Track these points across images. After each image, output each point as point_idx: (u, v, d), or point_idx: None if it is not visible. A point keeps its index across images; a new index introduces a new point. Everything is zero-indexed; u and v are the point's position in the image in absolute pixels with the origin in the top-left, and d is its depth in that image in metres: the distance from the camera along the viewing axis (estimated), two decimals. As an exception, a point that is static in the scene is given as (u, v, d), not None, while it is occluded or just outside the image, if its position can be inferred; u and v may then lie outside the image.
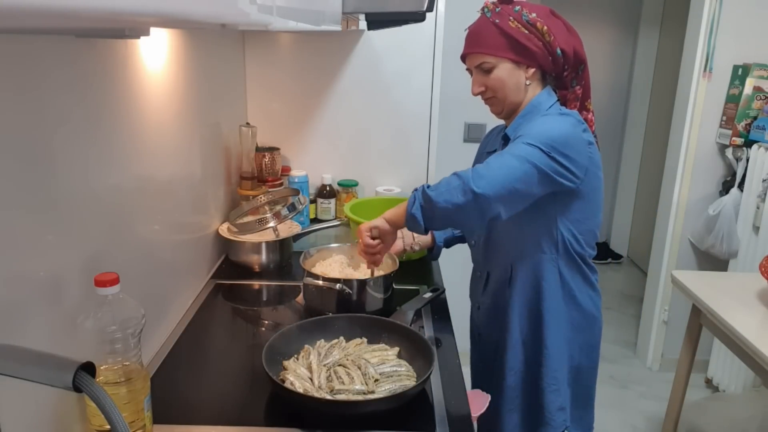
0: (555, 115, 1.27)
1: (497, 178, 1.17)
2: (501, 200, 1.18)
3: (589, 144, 1.26)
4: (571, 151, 1.21)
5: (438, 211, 1.19)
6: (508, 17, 1.26)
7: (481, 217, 1.20)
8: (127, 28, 0.71)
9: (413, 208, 1.22)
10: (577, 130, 1.25)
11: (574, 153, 1.22)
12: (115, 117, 1.05)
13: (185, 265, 1.48)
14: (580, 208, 1.30)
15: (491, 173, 1.17)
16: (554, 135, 1.20)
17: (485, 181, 1.16)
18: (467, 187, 1.16)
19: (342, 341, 1.23)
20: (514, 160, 1.18)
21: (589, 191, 1.29)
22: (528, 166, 1.18)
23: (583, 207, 1.30)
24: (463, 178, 1.17)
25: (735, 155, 2.66)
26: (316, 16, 0.88)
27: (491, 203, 1.17)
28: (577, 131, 1.24)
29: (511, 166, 1.18)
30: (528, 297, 1.37)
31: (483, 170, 1.18)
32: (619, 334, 3.39)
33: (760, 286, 1.90)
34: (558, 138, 1.20)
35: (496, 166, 1.19)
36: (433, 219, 1.22)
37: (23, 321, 0.79)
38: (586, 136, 1.26)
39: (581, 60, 1.31)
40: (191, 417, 1.05)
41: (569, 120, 1.26)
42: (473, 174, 1.17)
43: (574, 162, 1.21)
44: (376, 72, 2.05)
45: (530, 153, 1.18)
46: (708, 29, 2.62)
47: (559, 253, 1.33)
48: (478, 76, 1.33)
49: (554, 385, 1.37)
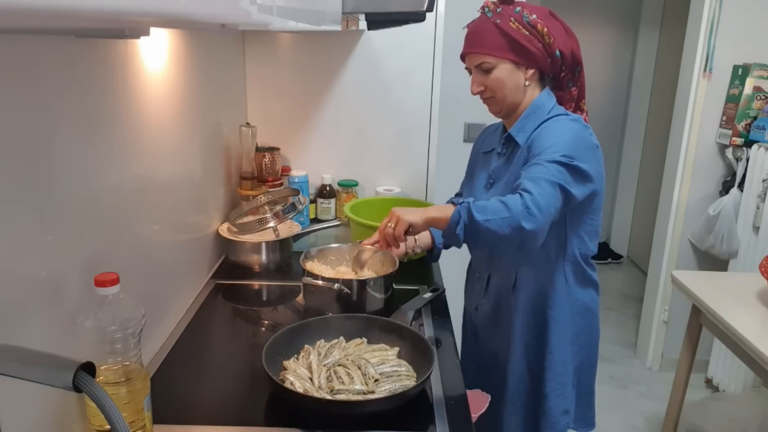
0: (566, 121, 1.28)
1: (546, 215, 1.15)
2: (545, 233, 1.18)
3: (596, 148, 1.27)
4: (584, 157, 1.22)
5: (481, 235, 1.18)
6: (509, 18, 1.26)
7: (521, 248, 1.21)
8: (127, 28, 0.71)
9: (458, 229, 1.20)
10: (586, 134, 1.27)
11: (587, 159, 1.23)
12: (115, 117, 1.05)
13: (185, 265, 1.48)
14: (589, 210, 1.32)
15: (540, 210, 1.14)
16: (571, 143, 1.22)
17: (534, 219, 1.14)
18: (516, 223, 1.14)
19: (342, 341, 1.23)
20: (552, 189, 1.17)
21: (598, 193, 1.31)
22: (559, 193, 1.18)
23: (591, 209, 1.32)
24: (513, 211, 1.14)
25: (735, 155, 2.66)
26: (316, 16, 0.88)
27: (537, 237, 1.16)
28: (586, 135, 1.26)
29: (552, 198, 1.17)
30: (533, 304, 1.37)
31: (532, 206, 1.14)
32: (619, 334, 3.39)
33: (760, 286, 1.90)
34: (574, 146, 1.22)
35: (541, 197, 1.15)
36: (473, 241, 1.21)
37: (23, 321, 0.79)
38: (593, 139, 1.28)
39: (578, 62, 1.32)
40: (191, 417, 1.05)
41: (579, 125, 1.27)
42: (523, 209, 1.14)
43: (590, 167, 1.23)
44: (376, 72, 2.05)
45: (558, 175, 1.18)
46: (708, 29, 2.62)
47: (566, 258, 1.33)
48: (477, 76, 1.33)
49: (559, 390, 1.37)
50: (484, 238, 1.18)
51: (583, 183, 1.22)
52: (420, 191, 2.14)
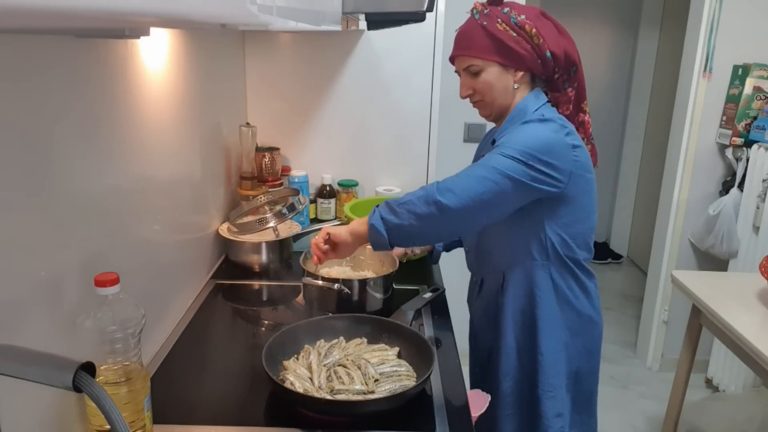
0: (535, 123, 1.24)
1: (465, 190, 1.16)
2: (469, 212, 1.17)
3: (573, 147, 1.23)
4: (551, 157, 1.19)
5: (401, 219, 1.17)
6: (495, 19, 1.24)
7: (449, 229, 1.19)
8: (127, 28, 0.71)
9: (373, 218, 1.20)
10: (559, 135, 1.22)
11: (555, 158, 1.19)
12: (115, 117, 1.05)
13: (185, 265, 1.48)
14: (568, 212, 1.28)
15: (458, 185, 1.16)
16: (532, 143, 1.18)
17: (451, 193, 1.15)
18: (431, 198, 1.15)
19: (342, 341, 1.23)
20: (485, 171, 1.17)
21: (577, 194, 1.26)
22: (499, 177, 1.16)
23: (571, 210, 1.28)
24: (428, 189, 1.17)
25: (735, 155, 2.66)
26: (316, 16, 0.88)
27: (458, 214, 1.16)
28: (559, 136, 1.22)
29: (480, 178, 1.17)
30: (521, 304, 1.36)
31: (450, 182, 1.17)
32: (619, 334, 3.39)
33: (760, 286, 1.90)
34: (536, 145, 1.18)
35: (464, 177, 1.18)
36: (396, 231, 1.19)
37: (23, 321, 0.79)
38: (570, 139, 1.23)
39: (573, 62, 1.29)
40: (191, 417, 1.05)
41: (551, 125, 1.23)
42: (438, 186, 1.17)
43: (555, 168, 1.19)
44: (376, 72, 2.05)
45: (503, 164, 1.17)
46: (708, 29, 2.62)
47: (550, 259, 1.31)
48: (465, 79, 1.31)
49: (551, 392, 1.35)
50: (406, 224, 1.17)
51: (546, 178, 1.19)
52: (420, 191, 2.14)
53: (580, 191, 1.27)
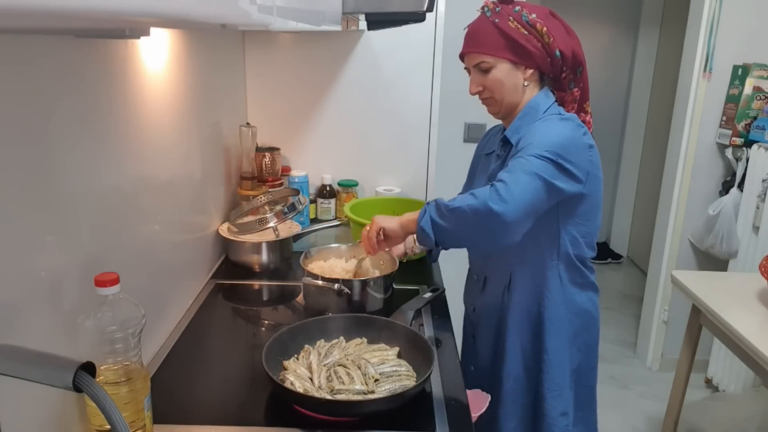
0: (555, 120, 1.26)
1: (518, 201, 1.13)
2: (520, 224, 1.16)
3: (589, 147, 1.26)
4: (573, 156, 1.20)
5: (449, 225, 1.17)
6: (507, 17, 1.26)
7: (494, 239, 1.17)
8: (127, 28, 0.71)
9: (422, 221, 1.20)
10: (578, 133, 1.25)
11: (576, 158, 1.21)
12: (115, 117, 1.05)
13: (185, 265, 1.48)
14: (582, 211, 1.30)
15: (512, 195, 1.13)
16: (557, 141, 1.20)
17: (505, 203, 1.12)
18: (483, 206, 1.13)
19: (342, 341, 1.23)
20: (529, 179, 1.16)
21: (590, 193, 1.29)
22: (540, 183, 1.16)
23: (585, 210, 1.30)
24: (480, 196, 1.14)
25: (735, 155, 2.66)
26: (316, 16, 0.88)
27: (509, 225, 1.14)
28: (578, 135, 1.24)
29: (529, 186, 1.15)
30: (528, 304, 1.36)
31: (502, 190, 1.13)
32: (619, 334, 3.39)
33: (760, 286, 1.90)
34: (561, 144, 1.19)
35: (514, 185, 1.14)
36: (444, 235, 1.19)
37: (23, 321, 0.79)
38: (587, 139, 1.26)
39: (579, 62, 1.31)
40: (191, 417, 1.05)
41: (570, 124, 1.26)
42: (491, 193, 1.14)
43: (577, 167, 1.21)
44: (376, 72, 2.05)
45: (540, 167, 1.16)
46: (708, 29, 2.62)
47: (560, 258, 1.33)
48: (475, 76, 1.32)
49: (556, 391, 1.36)
50: (454, 230, 1.17)
51: (569, 178, 1.20)
52: (420, 191, 2.14)
53: (593, 190, 1.29)
